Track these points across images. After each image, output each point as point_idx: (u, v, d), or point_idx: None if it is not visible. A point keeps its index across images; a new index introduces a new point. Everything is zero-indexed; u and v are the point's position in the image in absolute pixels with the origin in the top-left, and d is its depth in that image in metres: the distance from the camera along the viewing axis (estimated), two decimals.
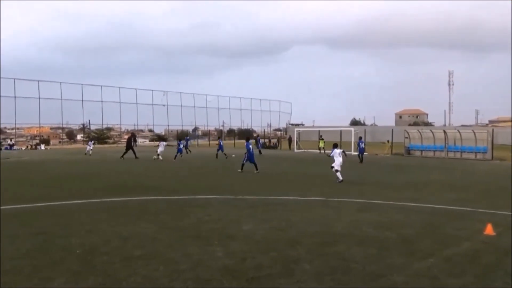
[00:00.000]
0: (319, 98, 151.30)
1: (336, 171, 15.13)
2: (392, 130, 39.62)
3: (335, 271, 5.35)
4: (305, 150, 38.73)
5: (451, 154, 31.10)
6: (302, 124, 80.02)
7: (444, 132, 32.63)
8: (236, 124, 75.22)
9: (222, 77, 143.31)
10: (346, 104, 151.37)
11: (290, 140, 46.89)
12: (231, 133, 69.35)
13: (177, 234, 7.25)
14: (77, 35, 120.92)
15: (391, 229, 7.65)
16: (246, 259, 5.80)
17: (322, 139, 39.13)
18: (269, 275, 5.21)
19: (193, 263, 5.64)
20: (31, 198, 11.12)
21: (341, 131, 41.22)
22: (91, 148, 34.13)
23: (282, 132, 71.39)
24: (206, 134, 68.61)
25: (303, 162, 26.47)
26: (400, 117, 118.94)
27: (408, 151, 34.27)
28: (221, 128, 73.82)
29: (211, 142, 58.23)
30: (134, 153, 27.58)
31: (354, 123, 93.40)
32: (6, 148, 45.25)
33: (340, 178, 14.90)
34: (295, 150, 40.90)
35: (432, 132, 34.13)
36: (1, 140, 29.94)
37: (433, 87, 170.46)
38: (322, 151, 37.94)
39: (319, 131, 43.80)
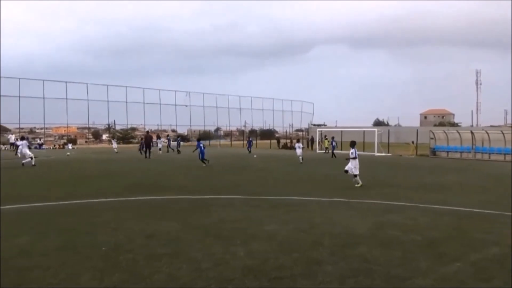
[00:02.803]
0: (342, 98, 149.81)
1: (355, 175, 14.08)
2: (417, 130, 38.85)
3: (358, 274, 5.28)
4: (327, 151, 38.39)
5: (478, 156, 30.26)
6: (324, 125, 79.42)
7: (471, 132, 31.77)
8: (258, 125, 75.34)
9: (244, 78, 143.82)
10: (369, 104, 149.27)
11: (312, 141, 46.61)
12: (253, 133, 69.45)
13: (200, 233, 7.31)
14: (103, 38, 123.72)
15: (416, 232, 7.49)
16: (268, 260, 5.79)
17: (327, 139, 38.87)
18: (291, 276, 5.19)
19: (216, 262, 5.68)
20: (59, 196, 11.43)
21: (364, 131, 40.78)
22: (116, 146, 36.49)
23: (304, 133, 71.01)
24: (228, 134, 68.94)
25: (325, 162, 26.26)
26: (425, 117, 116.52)
27: (434, 152, 33.55)
28: (243, 128, 74.06)
29: (233, 142, 58.46)
30: (149, 153, 28.02)
31: (377, 123, 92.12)
32: (36, 147, 46.71)
33: (359, 182, 14.00)
34: (317, 151, 40.64)
35: (459, 133, 33.28)
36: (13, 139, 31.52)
37: (460, 86, 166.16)
38: (327, 151, 37.59)
39: (341, 131, 43.38)
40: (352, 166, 14.09)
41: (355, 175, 14.04)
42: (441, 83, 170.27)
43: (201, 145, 22.36)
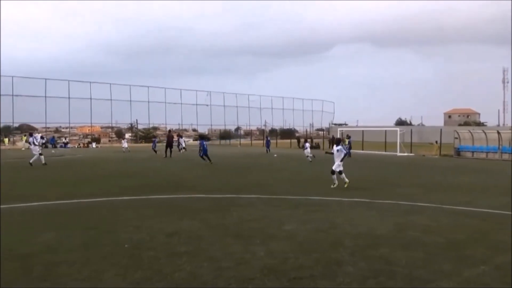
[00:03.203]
0: (363, 97, 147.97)
1: (340, 172, 13.34)
2: (441, 130, 38.04)
3: (379, 275, 5.23)
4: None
5: (505, 156, 29.38)
6: (346, 124, 78.68)
7: (498, 132, 30.87)
8: (278, 124, 75.29)
9: (265, 77, 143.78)
10: (391, 103, 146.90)
11: (333, 140, 46.25)
12: (273, 132, 69.41)
13: (220, 232, 7.37)
14: (125, 38, 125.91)
15: (439, 234, 7.35)
16: (288, 259, 5.80)
17: (348, 138, 38.52)
18: (311, 276, 5.18)
19: (236, 261, 5.72)
20: (83, 194, 11.73)
21: (386, 131, 40.20)
22: (126, 146, 38.01)
23: (324, 132, 70.52)
24: (248, 133, 69.11)
25: (345, 162, 25.99)
26: (450, 116, 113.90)
27: (458, 152, 32.80)
28: (263, 127, 74.12)
29: (253, 141, 58.56)
30: (170, 152, 28.33)
31: (400, 123, 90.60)
32: (61, 146, 48.02)
33: (346, 180, 13.32)
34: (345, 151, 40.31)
35: (485, 133, 32.42)
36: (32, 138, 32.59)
37: (486, 85, 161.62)
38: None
39: (362, 131, 42.89)
40: (337, 164, 13.44)
41: (340, 172, 13.40)
42: (466, 82, 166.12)
43: (204, 143, 24.05)
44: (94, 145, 50.85)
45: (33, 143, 21.94)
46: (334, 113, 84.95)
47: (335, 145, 13.73)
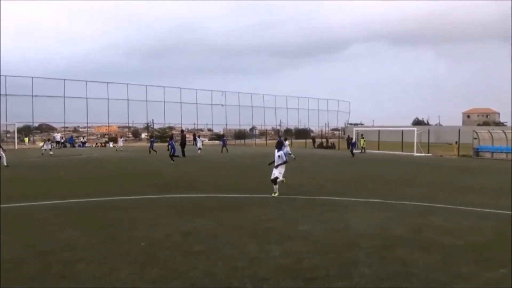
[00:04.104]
0: (379, 96, 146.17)
1: (275, 181, 11.54)
2: (459, 130, 37.35)
3: (396, 276, 5.17)
4: (364, 151, 37.67)
5: None
6: (361, 124, 77.93)
7: None
8: (293, 124, 75.06)
9: (279, 77, 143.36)
10: (408, 103, 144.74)
11: (348, 140, 45.86)
12: (288, 132, 69.24)
13: (235, 232, 7.39)
14: (141, 39, 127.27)
15: (457, 235, 7.22)
16: (303, 259, 5.78)
17: (363, 138, 38.13)
18: (327, 276, 5.15)
19: (251, 260, 5.72)
20: (101, 193, 11.91)
21: (402, 131, 39.73)
22: (121, 145, 41.35)
23: (340, 132, 70.04)
24: (264, 133, 69.09)
25: (361, 162, 25.79)
26: (468, 116, 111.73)
27: (477, 152, 32.16)
28: (278, 127, 74.02)
29: (268, 141, 58.55)
30: (183, 152, 28.58)
31: (417, 123, 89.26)
32: (79, 146, 48.83)
33: (276, 192, 11.44)
34: (354, 151, 39.95)
35: (505, 133, 31.69)
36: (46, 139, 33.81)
37: (506, 84, 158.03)
38: (364, 150, 36.90)
39: (378, 131, 42.47)
40: (278, 172, 11.63)
41: (279, 180, 11.55)
42: (486, 81, 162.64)
43: (173, 142, 25.14)
44: (111, 144, 51.51)
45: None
46: (349, 112, 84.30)
47: (276, 150, 11.89)
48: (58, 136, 49.24)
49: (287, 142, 27.24)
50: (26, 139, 51.33)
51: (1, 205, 9.68)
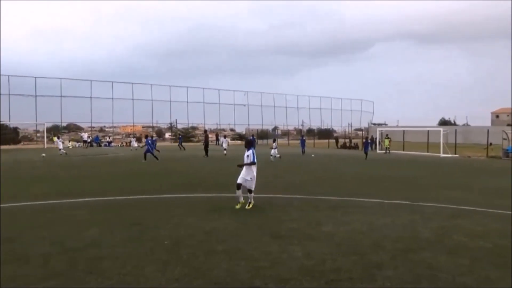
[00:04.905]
0: (404, 96, 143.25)
1: (249, 191, 9.69)
2: (488, 130, 36.29)
3: (421, 280, 5.06)
4: (388, 152, 37.07)
5: None
6: (385, 124, 76.70)
7: None
8: (316, 124, 74.59)
9: (302, 77, 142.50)
10: (434, 102, 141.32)
11: (372, 141, 45.24)
12: (310, 132, 68.86)
13: (257, 232, 7.39)
14: (164, 40, 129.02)
15: (486, 239, 7.01)
16: (325, 261, 5.73)
17: (388, 138, 37.43)
18: (350, 278, 5.09)
19: (273, 261, 5.72)
20: (127, 191, 12.14)
21: (428, 131, 38.92)
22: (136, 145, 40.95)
23: (363, 132, 69.15)
24: (286, 133, 68.94)
25: (385, 163, 25.38)
26: (497, 116, 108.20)
27: (507, 154, 31.12)
28: (300, 127, 73.70)
29: (290, 141, 58.39)
30: (206, 152, 28.77)
31: (443, 123, 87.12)
32: (105, 145, 49.96)
33: (240, 199, 9.72)
34: (378, 151, 39.37)
35: None
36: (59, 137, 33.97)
37: None
38: (388, 151, 36.26)
39: (403, 131, 41.71)
40: (247, 177, 9.74)
41: (250, 191, 9.68)
42: None
43: (149, 141, 25.67)
44: (136, 144, 52.44)
45: None
46: (373, 112, 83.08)
47: (247, 150, 10.11)
48: (85, 136, 50.52)
49: (275, 144, 27.31)
50: (55, 139, 52.83)
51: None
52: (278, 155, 25.98)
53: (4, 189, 12.83)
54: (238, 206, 9.50)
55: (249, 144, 10.44)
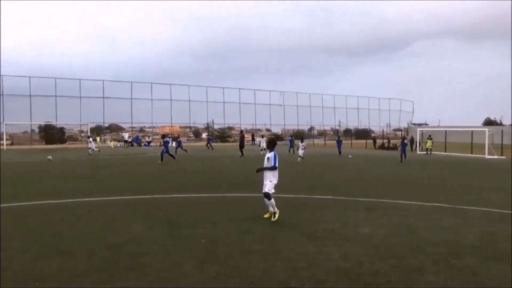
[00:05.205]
0: (446, 95, 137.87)
1: (268, 196, 8.40)
2: None
3: (465, 286, 4.86)
4: (429, 153, 35.85)
5: None
6: (426, 124, 74.24)
7: None
8: (353, 124, 73.37)
9: (339, 76, 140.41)
10: (478, 102, 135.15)
11: (411, 141, 43.93)
12: (347, 132, 67.80)
13: (294, 232, 7.37)
14: (202, 40, 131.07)
15: None
16: (363, 263, 5.63)
17: (430, 139, 36.05)
18: (388, 282, 4.97)
19: (309, 262, 5.68)
20: (163, 189, 12.45)
21: (472, 131, 37.31)
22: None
23: (402, 132, 67.30)
24: (322, 133, 68.23)
25: (426, 164, 24.55)
26: None
27: None
28: (337, 127, 72.74)
29: (326, 141, 57.76)
30: (242, 152, 28.95)
31: (488, 123, 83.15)
32: (145, 145, 51.44)
33: (275, 209, 8.46)
34: (418, 152, 38.17)
35: None
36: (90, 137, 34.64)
37: None
38: (429, 152, 34.99)
39: (445, 131, 40.19)
40: (270, 182, 8.52)
41: (268, 195, 8.42)
42: None
43: (167, 141, 25.67)
44: (173, 144, 53.64)
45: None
46: (413, 112, 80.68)
47: (268, 151, 8.88)
48: (126, 136, 52.28)
49: (303, 144, 26.28)
50: (98, 138, 54.98)
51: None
52: (301, 156, 25.12)
53: (52, 185, 13.52)
54: (274, 218, 8.35)
55: (272, 145, 9.00)
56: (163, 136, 27.65)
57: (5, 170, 19.00)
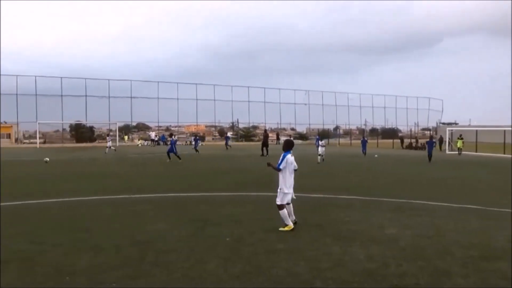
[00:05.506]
0: (477, 93, 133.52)
1: (281, 206, 7.33)
2: None
3: None
4: (460, 153, 34.84)
5: None
6: (456, 123, 72.17)
7: None
8: (379, 123, 72.16)
9: (365, 75, 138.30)
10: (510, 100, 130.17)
11: (440, 141, 42.83)
12: (374, 132, 66.73)
13: (318, 232, 7.32)
14: (227, 40, 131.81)
15: None
16: (389, 265, 5.53)
17: (461, 138, 34.93)
18: (416, 284, 4.87)
19: (334, 262, 5.63)
20: (188, 188, 12.61)
21: (504, 131, 36.00)
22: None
23: (431, 132, 65.67)
24: (348, 133, 67.41)
25: (456, 165, 23.88)
26: None
27: None
28: (363, 127, 71.70)
29: (352, 141, 57.03)
30: (266, 151, 28.93)
31: None
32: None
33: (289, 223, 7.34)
34: (447, 152, 37.19)
35: None
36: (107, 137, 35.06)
37: None
38: (460, 152, 33.93)
39: (476, 131, 38.98)
40: (279, 191, 7.45)
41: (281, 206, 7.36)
42: None
43: (173, 140, 25.69)
44: (199, 143, 54.20)
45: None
46: (442, 111, 78.66)
47: (286, 154, 7.63)
48: (152, 135, 53.26)
49: (323, 142, 26.08)
50: (126, 137, 56.24)
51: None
52: (320, 154, 24.60)
53: (81, 183, 13.93)
54: (283, 228, 7.27)
55: (287, 146, 7.80)
56: (170, 135, 27.69)
57: (38, 168, 19.72)
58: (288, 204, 7.45)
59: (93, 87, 54.81)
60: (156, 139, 51.96)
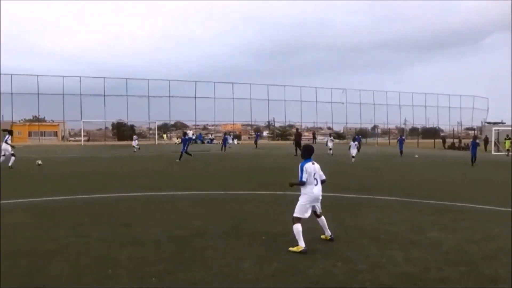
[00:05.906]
0: None
1: (297, 219, 6.39)
2: None
3: None
4: (509, 154, 33.17)
5: None
6: (502, 123, 68.69)
7: None
8: (420, 122, 69.94)
9: (406, 73, 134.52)
10: None
11: (486, 141, 40.93)
12: (414, 131, 64.75)
13: (355, 233, 7.20)
14: (261, 40, 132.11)
15: None
16: (430, 269, 5.35)
17: (509, 139, 33.04)
18: None
19: (371, 264, 5.51)
20: (223, 186, 12.75)
21: None
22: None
23: (475, 131, 62.90)
24: (386, 132, 65.81)
25: (502, 166, 22.72)
26: None
27: None
28: (402, 126, 69.73)
29: (391, 141, 55.60)
30: (296, 151, 28.71)
31: None
32: (208, 142, 53.04)
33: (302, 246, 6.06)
34: (493, 153, 35.48)
35: None
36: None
37: None
38: (509, 153, 32.14)
39: None
40: (298, 202, 6.74)
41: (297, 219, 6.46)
42: None
43: (185, 139, 24.99)
44: (235, 141, 54.68)
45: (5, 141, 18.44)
46: (487, 110, 75.14)
47: (305, 162, 6.66)
48: (190, 133, 54.23)
49: (355, 143, 24.94)
50: (165, 136, 57.66)
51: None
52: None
53: (124, 180, 14.41)
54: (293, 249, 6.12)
55: (306, 153, 6.79)
56: (184, 134, 27.54)
57: (84, 165, 20.60)
58: (319, 217, 6.72)
59: (133, 87, 56.59)
60: (194, 137, 52.91)
